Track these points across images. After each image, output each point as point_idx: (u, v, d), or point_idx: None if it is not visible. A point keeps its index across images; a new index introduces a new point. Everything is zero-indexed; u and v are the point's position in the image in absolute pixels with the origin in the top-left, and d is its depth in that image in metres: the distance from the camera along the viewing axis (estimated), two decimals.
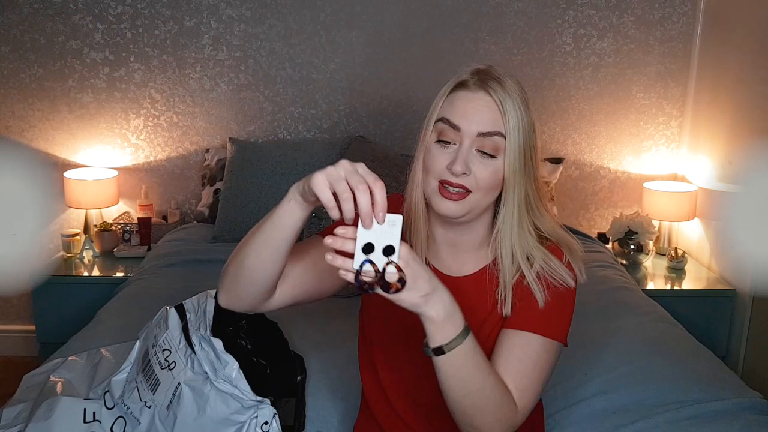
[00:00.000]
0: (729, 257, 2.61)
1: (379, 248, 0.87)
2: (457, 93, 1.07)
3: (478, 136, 1.05)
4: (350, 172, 0.88)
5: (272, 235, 0.98)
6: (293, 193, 0.95)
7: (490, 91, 1.05)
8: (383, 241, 0.87)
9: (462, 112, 1.05)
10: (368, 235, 0.87)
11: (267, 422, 1.20)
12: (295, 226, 0.97)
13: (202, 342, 1.28)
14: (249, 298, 1.06)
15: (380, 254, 0.88)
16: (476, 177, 1.05)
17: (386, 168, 2.64)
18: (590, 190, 3.03)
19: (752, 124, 2.47)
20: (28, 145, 2.88)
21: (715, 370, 1.77)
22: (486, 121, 1.05)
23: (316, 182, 0.88)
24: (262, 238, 0.99)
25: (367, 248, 0.88)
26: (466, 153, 1.05)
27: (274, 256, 1.00)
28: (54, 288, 2.54)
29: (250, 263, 1.01)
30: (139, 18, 2.80)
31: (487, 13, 2.84)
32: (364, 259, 0.87)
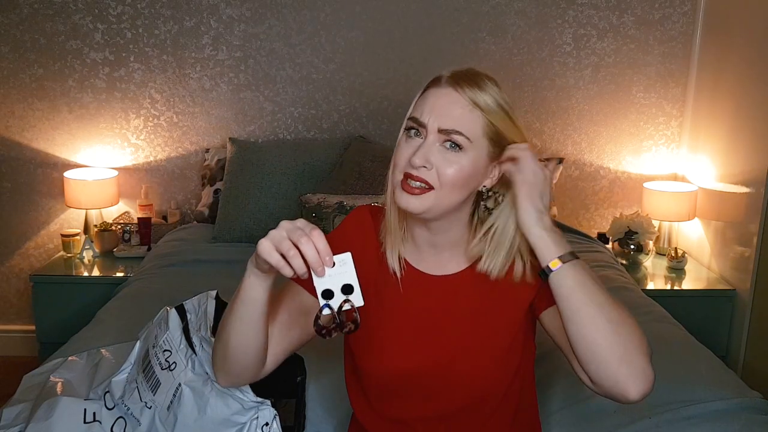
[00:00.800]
0: (729, 257, 2.61)
1: (337, 290, 0.92)
2: (429, 90, 1.08)
3: (439, 132, 1.04)
4: (290, 230, 0.92)
5: (245, 312, 1.01)
6: (249, 267, 0.99)
7: (458, 88, 1.04)
8: (340, 282, 0.92)
9: (429, 108, 1.05)
10: (324, 281, 0.92)
11: (267, 423, 1.20)
12: (262, 297, 1.00)
13: (202, 343, 1.28)
14: (246, 373, 1.09)
15: (340, 294, 0.92)
16: (438, 172, 1.04)
17: (386, 168, 2.63)
18: (590, 190, 3.03)
19: (752, 124, 2.47)
20: (28, 145, 2.88)
21: (715, 370, 1.77)
22: (449, 117, 1.03)
23: (262, 249, 0.92)
24: (236, 317, 1.02)
25: (327, 294, 0.92)
26: (429, 146, 1.04)
27: (253, 331, 1.03)
28: (54, 288, 2.54)
29: (234, 344, 1.04)
30: (139, 18, 2.80)
31: (487, 13, 2.84)
32: (324, 304, 0.92)
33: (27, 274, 2.86)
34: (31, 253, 2.98)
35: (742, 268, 2.51)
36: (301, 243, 0.91)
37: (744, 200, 2.51)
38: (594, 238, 2.81)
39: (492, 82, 1.06)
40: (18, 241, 2.97)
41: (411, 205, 1.05)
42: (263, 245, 0.92)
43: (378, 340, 1.15)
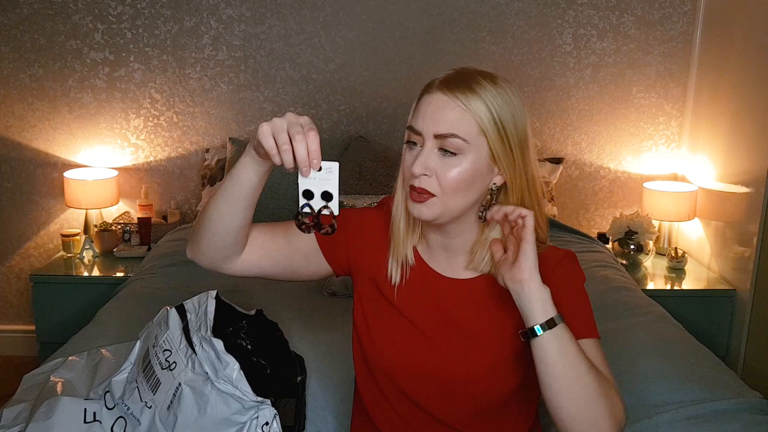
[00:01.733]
0: (729, 257, 2.61)
1: (318, 194, 0.94)
2: (423, 97, 1.07)
3: (435, 138, 1.03)
4: (292, 123, 0.93)
5: (231, 189, 1.03)
6: (248, 148, 1.00)
7: (447, 91, 1.03)
8: (321, 186, 0.94)
9: (422, 116, 1.05)
10: (308, 182, 0.93)
11: (267, 423, 1.20)
12: (251, 181, 1.01)
13: (202, 342, 1.28)
14: (210, 251, 1.10)
15: (319, 199, 0.94)
16: (439, 178, 1.03)
17: (386, 168, 2.64)
18: (590, 190, 3.03)
19: (752, 124, 2.47)
20: (28, 145, 2.88)
21: (715, 370, 1.77)
22: (442, 121, 1.02)
23: (261, 131, 0.93)
24: (222, 192, 1.04)
25: (307, 194, 0.94)
26: (426, 154, 1.03)
27: (233, 210, 1.04)
28: (54, 288, 2.54)
29: (210, 215, 1.06)
30: (139, 18, 2.80)
31: (487, 13, 2.84)
32: (304, 203, 0.94)
33: (27, 274, 2.87)
34: (31, 253, 2.98)
35: (742, 268, 2.51)
36: (296, 140, 0.91)
37: (744, 200, 2.51)
38: (594, 238, 2.81)
39: (487, 80, 1.05)
40: (18, 241, 2.97)
41: (422, 214, 1.05)
42: (263, 129, 0.93)
43: (383, 330, 1.15)
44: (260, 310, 1.47)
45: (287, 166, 0.93)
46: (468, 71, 1.07)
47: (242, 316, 1.39)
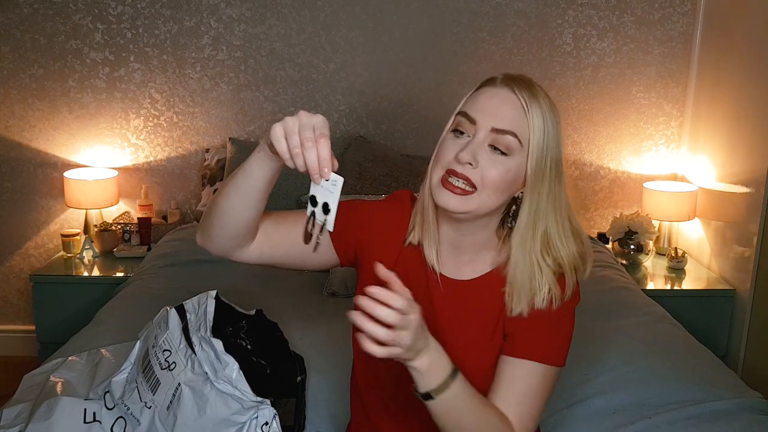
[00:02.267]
0: (729, 257, 2.61)
1: (320, 203, 0.93)
2: (483, 89, 1.06)
3: (491, 131, 1.02)
4: (304, 125, 0.91)
5: (242, 182, 1.02)
6: (261, 143, 0.99)
7: (515, 89, 1.03)
8: (323, 197, 0.93)
9: (481, 106, 1.04)
10: (315, 188, 0.93)
11: (267, 423, 1.20)
12: (263, 176, 1.01)
13: (202, 342, 1.28)
14: (219, 240, 1.09)
15: (320, 210, 0.94)
16: (483, 172, 1.02)
17: (386, 168, 2.64)
18: (590, 190, 3.03)
19: (752, 124, 2.47)
20: (28, 145, 2.88)
21: (715, 370, 1.77)
22: (503, 117, 1.02)
23: (274, 132, 0.92)
24: (234, 183, 1.03)
25: (313, 200, 0.94)
26: (477, 144, 1.02)
27: (244, 204, 1.04)
28: (54, 288, 2.54)
29: (221, 205, 1.05)
30: (139, 18, 2.80)
31: (487, 13, 2.84)
32: (312, 210, 0.94)
33: (27, 274, 2.86)
34: (31, 253, 2.98)
35: (742, 268, 2.51)
36: (306, 147, 0.90)
37: (744, 200, 2.51)
38: (594, 238, 2.81)
39: (544, 92, 1.06)
40: (18, 241, 2.97)
41: (451, 204, 1.03)
42: (276, 130, 0.92)
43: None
44: (260, 310, 1.47)
45: (299, 169, 0.92)
46: (531, 79, 1.06)
47: (242, 316, 1.39)
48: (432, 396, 0.97)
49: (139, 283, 2.29)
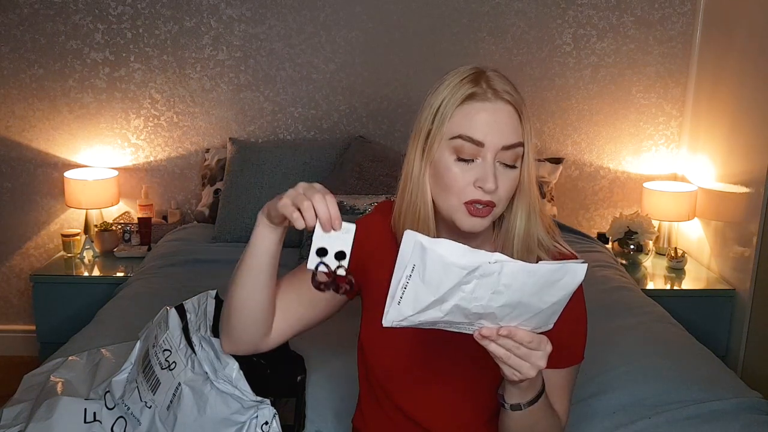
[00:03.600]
0: (729, 257, 2.61)
1: (332, 253, 0.96)
2: (472, 105, 1.01)
3: (501, 150, 1.01)
4: (307, 188, 0.98)
5: (252, 264, 1.06)
6: (260, 218, 1.04)
7: (507, 97, 1.02)
8: (336, 246, 0.96)
9: (485, 127, 1.00)
10: (324, 240, 0.96)
11: (267, 422, 1.20)
12: (270, 249, 1.05)
13: (202, 342, 1.28)
14: (247, 336, 1.12)
15: (332, 258, 0.96)
16: (500, 190, 1.03)
17: (386, 168, 2.64)
18: (590, 190, 3.03)
19: (752, 124, 2.47)
20: (28, 145, 2.88)
21: (715, 370, 1.77)
22: (509, 132, 1.02)
23: (283, 204, 0.98)
24: (243, 270, 1.07)
25: (321, 252, 0.96)
26: (493, 167, 1.01)
27: (258, 285, 1.07)
28: (54, 288, 2.54)
29: (238, 298, 1.08)
30: (139, 18, 2.80)
31: (487, 13, 2.84)
32: (318, 261, 0.96)
33: (27, 274, 2.87)
34: (32, 253, 2.98)
35: (742, 268, 2.51)
36: (316, 200, 0.95)
37: (744, 200, 2.51)
38: (594, 238, 2.81)
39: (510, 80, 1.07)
40: (18, 241, 2.97)
41: (477, 227, 1.04)
42: (283, 201, 0.98)
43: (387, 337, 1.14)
44: None
45: (309, 224, 0.96)
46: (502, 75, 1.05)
47: None
48: (521, 407, 1.01)
49: (139, 283, 2.29)
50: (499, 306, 0.87)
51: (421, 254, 0.85)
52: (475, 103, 1.01)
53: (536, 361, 0.91)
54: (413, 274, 0.86)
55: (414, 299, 0.87)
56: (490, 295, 0.86)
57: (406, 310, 0.87)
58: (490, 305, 0.86)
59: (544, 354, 0.91)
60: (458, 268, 0.84)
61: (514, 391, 0.99)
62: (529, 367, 0.91)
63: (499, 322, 0.89)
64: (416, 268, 0.86)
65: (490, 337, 0.90)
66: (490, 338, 0.90)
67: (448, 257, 0.84)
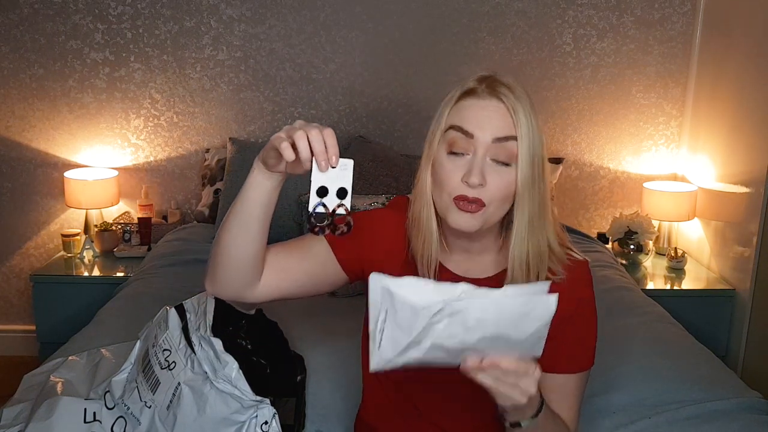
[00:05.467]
0: (729, 257, 2.61)
1: (332, 191, 0.92)
2: (467, 101, 1.04)
3: (492, 143, 1.01)
4: (303, 124, 0.94)
5: (242, 212, 1.02)
6: (255, 163, 1.00)
7: (502, 97, 1.02)
8: (336, 183, 0.92)
9: (475, 120, 1.02)
10: (322, 178, 0.92)
11: (267, 422, 1.20)
12: (263, 198, 1.00)
13: (201, 342, 1.28)
14: (230, 281, 1.08)
15: (334, 197, 0.92)
16: (490, 188, 1.02)
17: (386, 168, 2.64)
18: (590, 190, 3.03)
19: (752, 124, 2.47)
20: (28, 145, 2.88)
21: (715, 370, 1.78)
22: (500, 126, 1.02)
23: (276, 136, 0.94)
24: (234, 215, 1.02)
25: (321, 191, 0.92)
26: (481, 162, 1.01)
27: (248, 234, 1.02)
28: (54, 288, 2.54)
29: (225, 243, 1.04)
30: (139, 18, 2.80)
31: (487, 13, 2.84)
32: (318, 202, 0.92)
33: (27, 274, 2.87)
34: (32, 253, 2.98)
35: (742, 268, 2.51)
36: (312, 134, 0.92)
37: (744, 200, 2.51)
38: (594, 238, 2.81)
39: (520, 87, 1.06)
40: (18, 241, 2.97)
41: (468, 225, 1.03)
42: (277, 135, 0.94)
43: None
44: (260, 310, 1.47)
45: (303, 155, 0.91)
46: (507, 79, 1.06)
47: (242, 316, 1.38)
48: (521, 425, 0.99)
49: (139, 283, 2.29)
50: (476, 340, 0.85)
51: (390, 299, 0.84)
52: (470, 99, 1.04)
53: (526, 387, 0.90)
54: (387, 318, 0.85)
55: (392, 343, 0.85)
56: (464, 332, 0.84)
57: (387, 353, 0.86)
58: (467, 340, 0.85)
59: (534, 380, 0.90)
60: (424, 309, 0.82)
61: (512, 412, 0.98)
62: (520, 393, 0.90)
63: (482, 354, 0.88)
64: (388, 312, 0.85)
65: (476, 369, 0.88)
66: (476, 369, 0.88)
67: (414, 300, 0.83)
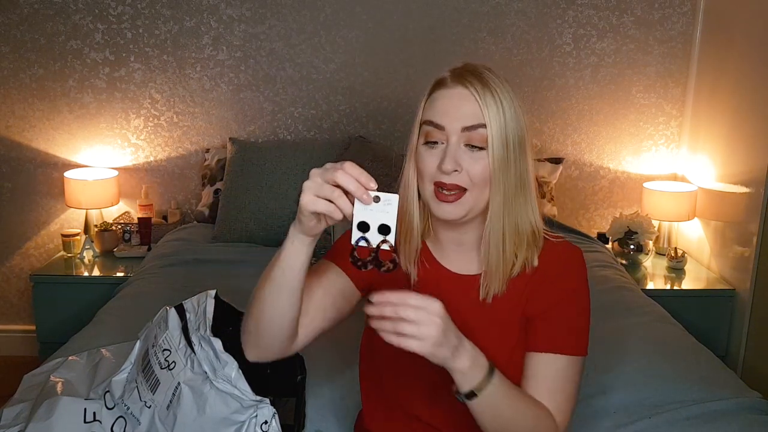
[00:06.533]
0: (729, 257, 2.61)
1: (374, 227, 0.89)
2: (437, 92, 1.07)
3: (463, 131, 1.03)
4: (322, 173, 0.90)
5: (284, 281, 0.99)
6: (292, 233, 0.96)
7: (466, 84, 1.04)
8: (379, 219, 0.89)
9: (443, 110, 1.04)
10: (364, 213, 0.89)
11: (266, 422, 1.20)
12: (303, 265, 0.98)
13: (201, 342, 1.28)
14: (277, 347, 1.07)
15: (375, 233, 0.89)
16: (469, 173, 1.03)
17: (386, 168, 2.64)
18: (590, 190, 3.03)
19: (752, 124, 2.47)
20: (28, 145, 2.88)
21: (715, 370, 1.77)
22: (468, 114, 1.03)
23: (306, 203, 0.90)
24: (274, 286, 0.99)
25: (362, 226, 0.89)
26: (454, 150, 1.03)
27: (290, 300, 1.01)
28: (54, 288, 2.54)
29: (269, 314, 1.02)
30: (139, 18, 2.80)
31: (487, 13, 2.84)
32: (360, 236, 0.89)
33: (27, 274, 2.87)
34: (32, 253, 2.98)
35: (742, 268, 2.51)
36: (338, 177, 0.88)
37: (744, 200, 2.51)
38: (594, 238, 2.81)
39: (494, 75, 1.06)
40: (18, 241, 2.97)
41: (451, 214, 1.05)
42: (305, 199, 0.89)
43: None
44: None
45: (346, 211, 0.89)
46: (475, 66, 1.07)
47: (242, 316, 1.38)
48: (476, 394, 0.99)
49: (139, 283, 2.29)
50: None
51: None
52: (439, 90, 1.06)
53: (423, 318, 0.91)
54: None
55: None
56: None
57: None
58: None
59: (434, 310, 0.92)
60: None
61: (458, 377, 0.98)
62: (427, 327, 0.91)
63: None
64: None
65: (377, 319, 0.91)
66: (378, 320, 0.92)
67: None
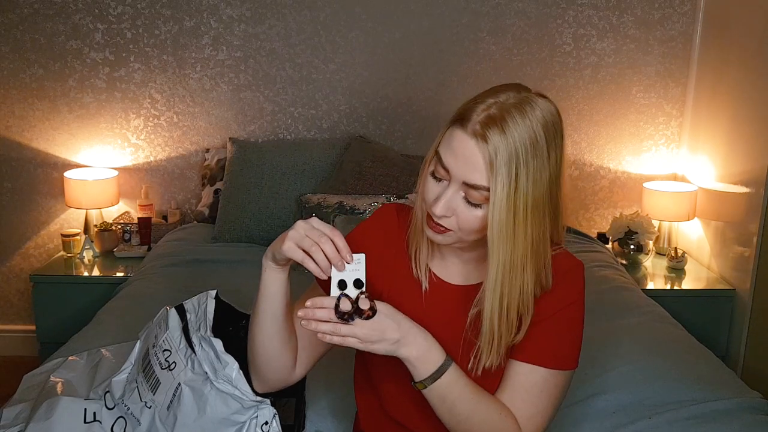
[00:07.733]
0: (729, 257, 2.61)
1: (350, 283, 1.02)
2: (457, 128, 0.99)
3: (463, 185, 0.99)
4: (308, 229, 1.01)
5: (267, 308, 1.08)
6: (266, 262, 1.07)
7: (486, 139, 0.95)
8: (352, 276, 1.02)
9: (452, 155, 0.99)
10: (340, 274, 1.02)
11: (267, 422, 1.20)
12: (281, 290, 1.08)
13: (202, 342, 1.28)
14: (276, 374, 1.15)
15: (352, 288, 1.02)
16: (459, 220, 1.01)
17: (386, 168, 2.64)
18: (590, 190, 3.03)
19: (752, 124, 2.47)
20: (28, 145, 2.88)
21: (715, 370, 1.77)
22: (474, 172, 0.97)
23: (287, 248, 1.01)
24: (260, 315, 1.09)
25: (341, 284, 1.02)
26: (450, 196, 1.00)
27: (275, 327, 1.10)
28: (54, 288, 2.54)
29: (260, 341, 1.11)
30: (139, 18, 2.80)
31: (487, 13, 2.84)
32: (340, 293, 1.01)
33: (27, 274, 2.87)
34: (32, 253, 2.98)
35: (742, 268, 2.51)
36: (322, 242, 1.00)
37: (744, 200, 2.51)
38: (594, 238, 2.81)
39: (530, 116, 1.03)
40: (18, 241, 2.97)
41: (437, 239, 1.07)
42: (286, 245, 1.01)
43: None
44: None
45: (322, 265, 1.00)
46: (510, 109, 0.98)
47: (242, 316, 1.39)
48: (425, 384, 1.03)
49: (139, 283, 2.29)
50: None
51: None
52: (460, 129, 0.99)
53: None
54: None
55: None
56: None
57: None
58: None
59: None
60: None
61: (409, 367, 1.03)
62: None
63: None
64: None
65: None
66: None
67: None
